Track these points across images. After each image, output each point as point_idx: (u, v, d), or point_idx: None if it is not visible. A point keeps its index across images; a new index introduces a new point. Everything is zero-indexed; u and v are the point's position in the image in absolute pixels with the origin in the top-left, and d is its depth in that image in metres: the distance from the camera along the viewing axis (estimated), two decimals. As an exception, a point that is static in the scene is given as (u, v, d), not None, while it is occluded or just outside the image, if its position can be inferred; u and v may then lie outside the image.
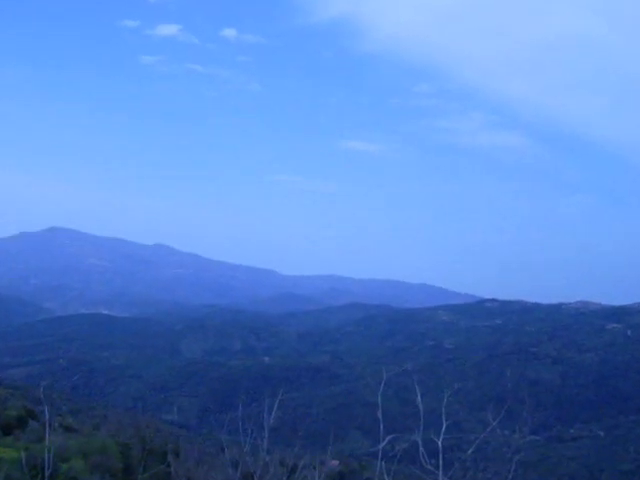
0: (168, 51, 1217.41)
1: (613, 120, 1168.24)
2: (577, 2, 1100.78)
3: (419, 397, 14.19)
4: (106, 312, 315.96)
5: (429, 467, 12.20)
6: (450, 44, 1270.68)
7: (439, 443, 12.39)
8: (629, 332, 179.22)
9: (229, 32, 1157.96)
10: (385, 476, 12.92)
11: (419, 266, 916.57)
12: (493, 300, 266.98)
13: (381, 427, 14.38)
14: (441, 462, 12.10)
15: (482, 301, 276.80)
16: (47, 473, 15.21)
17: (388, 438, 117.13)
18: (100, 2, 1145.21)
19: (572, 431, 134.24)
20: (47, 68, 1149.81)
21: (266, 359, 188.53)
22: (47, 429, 17.71)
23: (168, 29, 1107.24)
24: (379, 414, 15.26)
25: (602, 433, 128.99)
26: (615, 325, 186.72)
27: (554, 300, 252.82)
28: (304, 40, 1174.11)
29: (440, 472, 12.12)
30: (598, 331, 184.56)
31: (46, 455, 15.48)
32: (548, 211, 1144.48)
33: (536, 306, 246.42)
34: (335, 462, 65.91)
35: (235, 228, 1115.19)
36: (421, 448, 12.17)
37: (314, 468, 16.72)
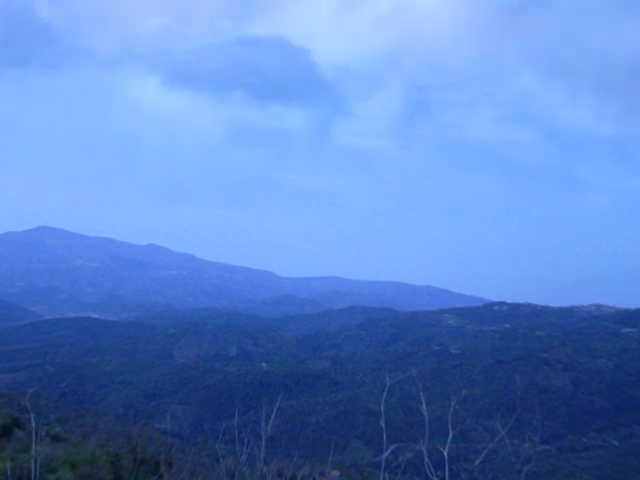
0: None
1: (627, 116, 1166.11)
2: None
3: (424, 405, 14.43)
4: (96, 316, 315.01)
5: (434, 478, 12.36)
6: (457, 36, 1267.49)
7: (445, 453, 12.73)
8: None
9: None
10: (389, 488, 12.66)
11: (424, 267, 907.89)
12: (502, 303, 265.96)
13: (384, 436, 14.92)
14: (447, 473, 12.45)
15: (490, 304, 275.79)
16: (33, 484, 15.48)
17: (391, 448, 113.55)
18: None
19: (585, 440, 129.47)
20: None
21: (263, 365, 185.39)
22: (34, 438, 18.52)
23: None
24: (382, 423, 15.40)
25: (616, 442, 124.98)
26: (630, 329, 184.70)
27: (566, 303, 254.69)
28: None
29: (446, 484, 12.16)
30: (612, 336, 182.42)
31: (32, 465, 16.18)
32: (560, 210, 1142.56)
33: (547, 309, 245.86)
34: (336, 473, 62.61)
35: (232, 228, 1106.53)
36: (426, 458, 12.42)
37: (314, 479, 17.56)
